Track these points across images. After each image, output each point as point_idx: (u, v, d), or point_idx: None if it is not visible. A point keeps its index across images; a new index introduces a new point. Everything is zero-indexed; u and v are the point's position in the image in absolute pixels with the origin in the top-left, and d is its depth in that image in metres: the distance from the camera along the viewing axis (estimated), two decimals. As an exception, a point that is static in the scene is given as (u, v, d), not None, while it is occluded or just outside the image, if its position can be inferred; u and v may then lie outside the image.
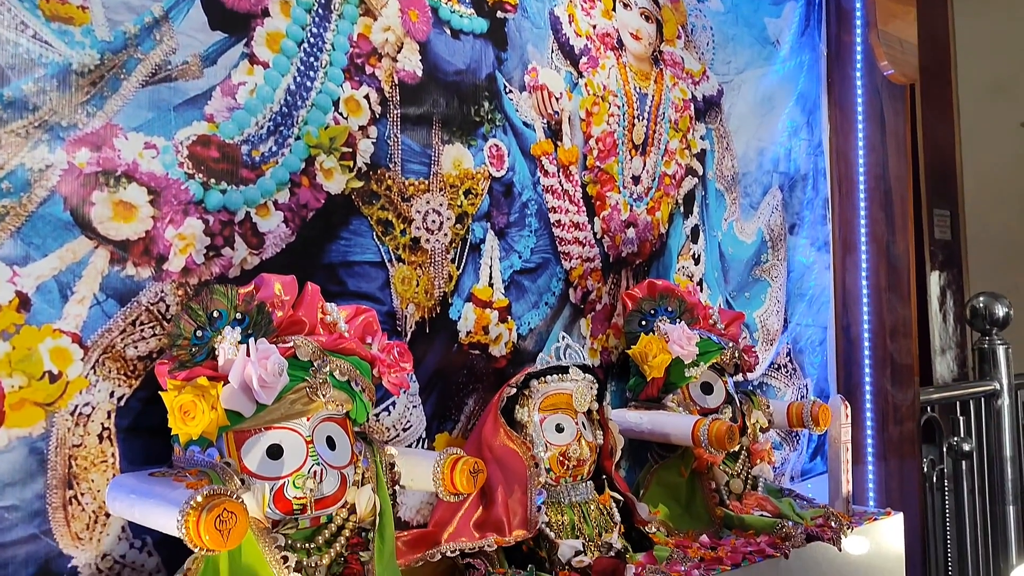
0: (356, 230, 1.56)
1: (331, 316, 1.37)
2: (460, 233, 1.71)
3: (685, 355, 1.86)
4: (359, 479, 1.32)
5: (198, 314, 1.22)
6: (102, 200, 1.28)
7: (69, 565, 1.23)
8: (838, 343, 2.61)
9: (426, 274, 1.65)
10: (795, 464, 2.46)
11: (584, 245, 1.93)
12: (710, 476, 1.87)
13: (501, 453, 1.57)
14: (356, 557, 1.29)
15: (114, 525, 1.28)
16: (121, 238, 1.29)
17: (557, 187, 1.88)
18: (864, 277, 2.58)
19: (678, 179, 2.16)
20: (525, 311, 1.82)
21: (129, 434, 1.30)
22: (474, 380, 1.73)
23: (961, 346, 4.57)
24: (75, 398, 1.25)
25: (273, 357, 1.21)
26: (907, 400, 2.56)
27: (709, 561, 1.63)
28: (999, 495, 3.25)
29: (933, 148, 4.48)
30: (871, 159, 2.59)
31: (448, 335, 1.69)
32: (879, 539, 1.99)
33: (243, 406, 1.20)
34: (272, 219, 1.45)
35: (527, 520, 1.51)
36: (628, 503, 1.66)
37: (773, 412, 2.02)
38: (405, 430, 1.63)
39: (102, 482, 1.26)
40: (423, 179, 1.66)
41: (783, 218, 2.46)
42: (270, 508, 1.21)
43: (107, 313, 1.28)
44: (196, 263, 1.37)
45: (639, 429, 1.85)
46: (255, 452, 1.22)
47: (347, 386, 1.29)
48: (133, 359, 1.30)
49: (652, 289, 1.96)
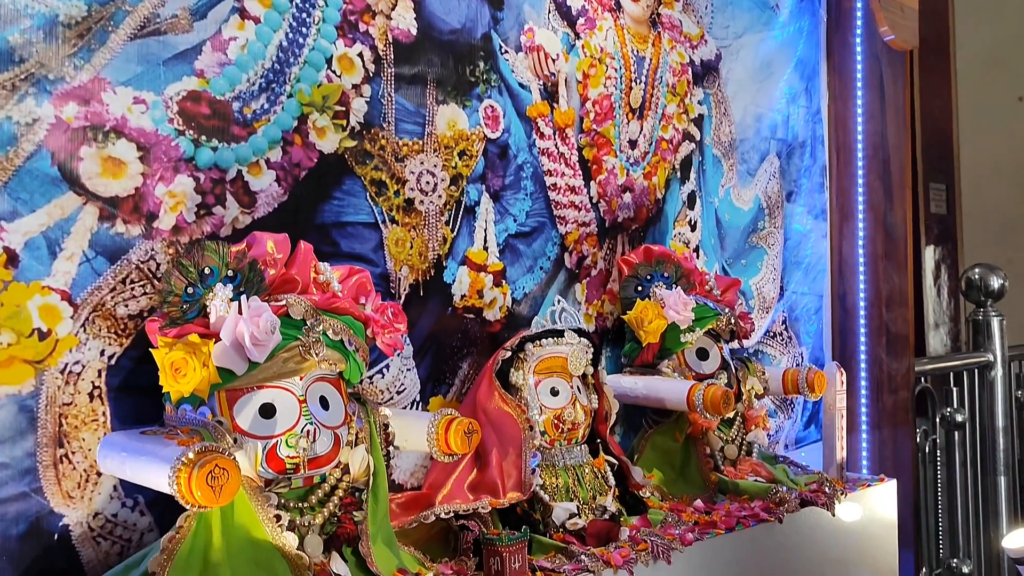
0: (349, 190, 1.54)
1: (324, 276, 1.35)
2: (454, 195, 1.69)
3: (681, 321, 1.85)
4: (353, 439, 1.31)
5: (189, 271, 1.20)
6: (90, 156, 1.25)
7: (60, 523, 1.23)
8: (834, 312, 2.61)
9: (420, 236, 1.64)
10: (789, 432, 2.46)
11: (580, 209, 1.92)
12: (705, 441, 1.87)
13: (496, 416, 1.56)
14: (350, 517, 1.28)
15: (105, 484, 1.27)
16: (110, 195, 1.27)
17: (553, 150, 1.86)
18: (861, 246, 2.57)
19: (675, 144, 2.14)
20: (520, 275, 1.81)
21: (120, 393, 1.28)
22: (468, 344, 1.72)
23: (955, 320, 4.58)
24: (65, 356, 1.23)
25: (265, 315, 1.19)
26: (902, 369, 2.57)
27: (703, 525, 1.64)
28: (991, 465, 3.27)
29: (930, 121, 4.45)
30: (870, 127, 2.57)
31: (442, 298, 1.68)
32: (872, 505, 2.00)
33: (235, 364, 1.19)
34: (264, 178, 1.43)
35: (521, 482, 1.51)
36: (623, 467, 1.66)
37: (768, 379, 2.01)
38: (399, 393, 1.62)
39: (93, 441, 1.25)
40: (417, 139, 1.63)
41: (780, 185, 2.44)
42: (263, 467, 1.20)
43: (96, 271, 1.26)
44: (187, 221, 1.35)
45: (634, 394, 1.85)
46: (247, 411, 1.21)
47: (340, 345, 1.28)
48: (123, 318, 1.29)
49: (648, 254, 1.95)
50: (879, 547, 2.03)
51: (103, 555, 1.26)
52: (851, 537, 1.93)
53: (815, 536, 1.83)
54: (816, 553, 1.84)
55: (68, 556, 1.23)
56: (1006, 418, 3.29)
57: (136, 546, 1.29)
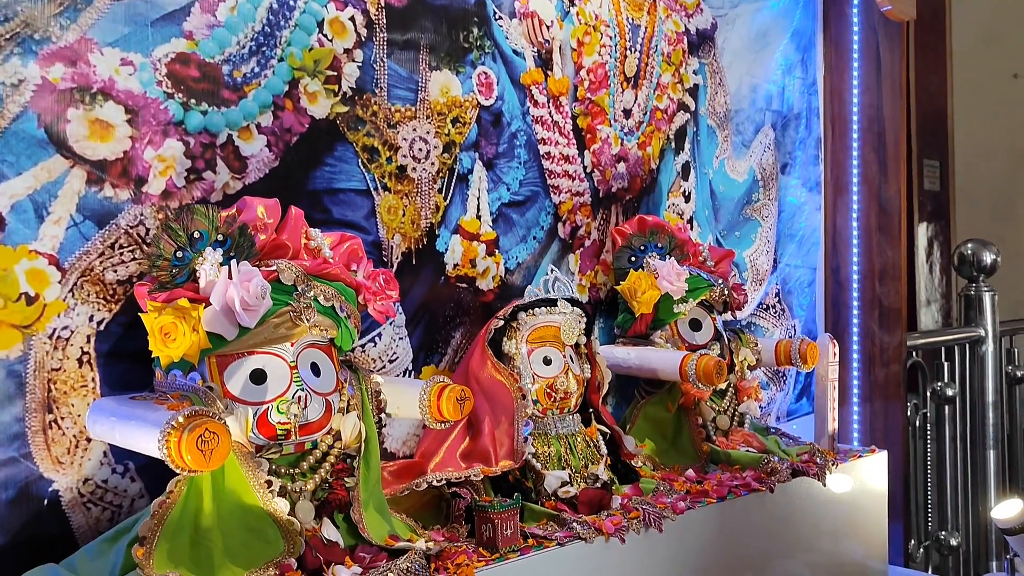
0: (341, 156, 1.52)
1: (315, 242, 1.34)
2: (447, 162, 1.68)
3: (674, 291, 1.85)
4: (344, 406, 1.31)
5: (178, 234, 1.19)
6: (77, 118, 1.24)
7: (50, 489, 1.22)
8: (827, 285, 2.60)
9: (412, 204, 1.62)
10: (781, 404, 2.47)
11: (574, 179, 1.90)
12: (697, 412, 1.87)
13: (488, 385, 1.56)
14: (341, 483, 1.28)
15: (95, 450, 1.26)
16: (98, 158, 1.26)
17: (547, 118, 1.84)
18: (855, 219, 2.56)
19: (670, 114, 2.12)
20: (513, 245, 1.79)
21: (109, 359, 1.27)
22: (461, 313, 1.72)
23: (946, 297, 4.59)
24: (53, 321, 1.22)
25: (256, 280, 1.18)
26: (894, 342, 2.57)
27: (695, 494, 1.64)
28: (980, 439, 3.30)
29: (925, 98, 4.44)
30: (865, 99, 2.56)
31: (435, 267, 1.67)
32: (863, 476, 2.01)
33: (225, 329, 1.18)
34: (255, 143, 1.42)
35: (513, 451, 1.51)
36: (615, 436, 1.66)
37: (761, 350, 2.01)
38: (391, 362, 1.61)
39: (82, 406, 1.24)
40: (410, 106, 1.62)
41: (775, 157, 2.43)
42: (254, 433, 1.20)
43: (84, 235, 1.25)
44: (177, 186, 1.33)
45: (627, 364, 1.85)
46: (238, 377, 1.20)
47: (332, 311, 1.27)
48: (112, 283, 1.27)
49: (642, 225, 1.94)
50: (869, 518, 2.04)
51: (93, 521, 1.26)
52: (841, 508, 1.94)
53: (806, 506, 1.84)
54: (807, 523, 1.85)
55: (58, 521, 1.23)
56: (996, 393, 3.31)
57: (127, 512, 1.28)
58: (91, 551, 1.20)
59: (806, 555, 1.84)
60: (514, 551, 1.34)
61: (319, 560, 1.20)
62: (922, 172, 4.55)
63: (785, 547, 1.79)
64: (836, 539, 1.93)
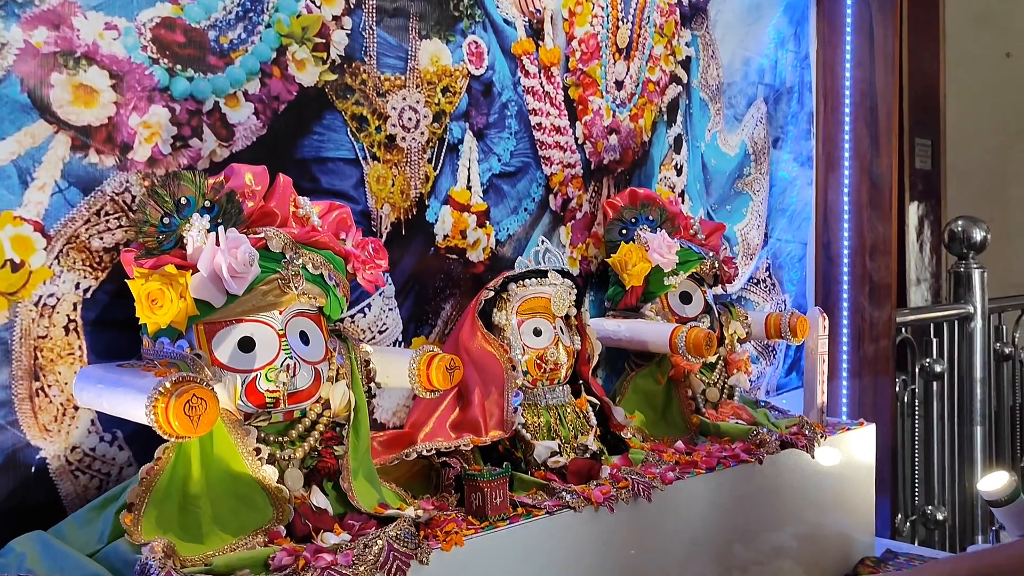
0: (330, 125, 1.51)
1: (304, 210, 1.33)
2: (437, 132, 1.66)
3: (665, 264, 1.85)
4: (333, 375, 1.30)
5: (165, 200, 1.18)
6: (61, 83, 1.22)
7: (37, 456, 1.22)
8: (817, 260, 2.61)
9: (402, 174, 1.61)
10: (771, 378, 2.48)
11: (565, 150, 1.89)
12: (686, 384, 1.88)
13: (478, 356, 1.56)
14: (330, 451, 1.28)
15: (83, 418, 1.26)
16: (82, 124, 1.24)
17: (538, 89, 1.83)
18: (846, 194, 2.56)
19: (662, 86, 2.11)
20: (504, 216, 1.79)
21: (96, 327, 1.26)
22: (451, 285, 1.71)
23: (936, 276, 4.61)
24: (39, 288, 1.21)
25: (243, 246, 1.17)
26: (883, 317, 2.58)
27: (684, 465, 1.64)
28: (968, 415, 3.32)
29: (918, 76, 4.43)
30: (858, 74, 2.54)
31: (425, 238, 1.66)
32: (851, 449, 2.02)
33: (213, 296, 1.17)
34: (242, 110, 1.40)
35: (503, 421, 1.51)
36: (604, 407, 1.66)
37: (751, 323, 2.01)
38: (381, 332, 1.61)
39: (69, 374, 1.23)
40: (399, 75, 1.60)
41: (767, 131, 2.42)
42: (242, 401, 1.19)
43: (70, 202, 1.24)
44: (163, 153, 1.32)
45: (617, 337, 1.85)
46: (226, 344, 1.20)
47: (320, 280, 1.26)
48: (99, 250, 1.26)
49: (634, 197, 1.93)
50: (857, 491, 2.06)
51: (82, 489, 1.25)
52: (829, 480, 1.95)
53: (794, 478, 1.85)
54: (795, 495, 1.86)
55: (46, 489, 1.22)
56: (984, 369, 3.33)
57: (115, 480, 1.28)
58: (79, 519, 1.19)
59: (794, 527, 1.86)
60: (503, 519, 1.34)
61: (308, 527, 1.20)
62: (914, 151, 4.55)
63: (773, 518, 1.80)
64: (824, 511, 1.94)
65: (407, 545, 1.18)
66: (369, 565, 1.13)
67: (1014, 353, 3.62)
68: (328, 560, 1.11)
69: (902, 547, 2.20)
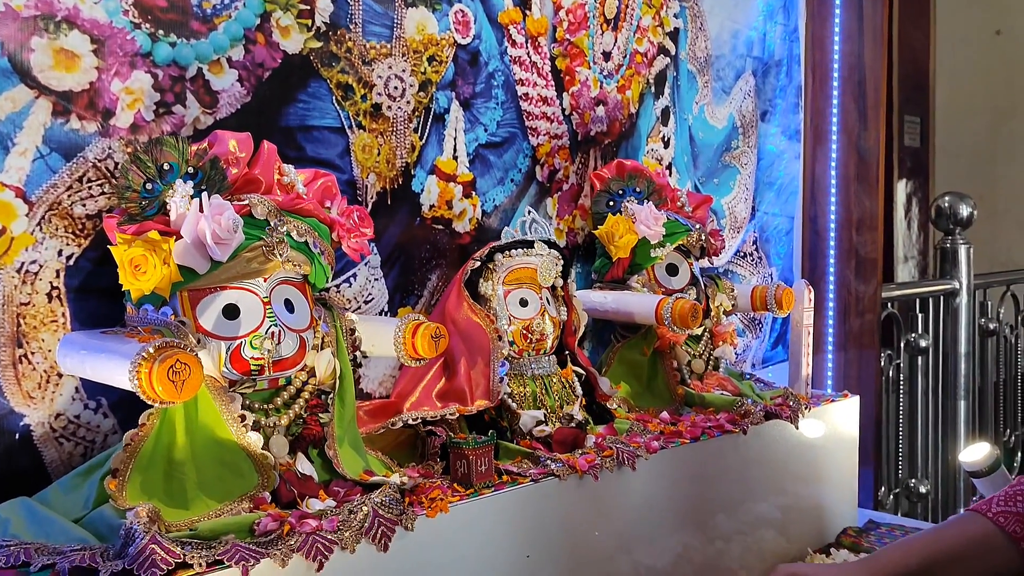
0: (315, 93, 1.50)
1: (288, 177, 1.32)
2: (423, 101, 1.65)
3: (651, 235, 1.85)
4: (319, 343, 1.30)
5: (147, 166, 1.17)
6: (42, 47, 1.21)
7: (21, 423, 1.21)
8: (804, 234, 2.61)
9: (387, 143, 1.60)
10: (757, 352, 2.49)
11: (552, 121, 1.89)
12: (672, 355, 1.88)
13: (464, 326, 1.56)
14: (316, 419, 1.28)
15: (67, 385, 1.25)
16: (64, 88, 1.23)
17: (525, 59, 1.82)
18: (833, 168, 2.56)
19: (650, 58, 2.10)
20: (490, 187, 1.78)
21: (80, 294, 1.26)
22: (437, 255, 1.71)
23: (923, 254, 4.63)
24: (21, 255, 1.20)
25: (227, 213, 1.17)
26: (869, 292, 2.59)
27: (668, 435, 1.65)
28: (952, 390, 3.35)
29: (908, 53, 4.42)
30: (846, 47, 2.54)
31: (410, 208, 1.65)
32: (835, 421, 2.03)
33: (197, 263, 1.17)
34: (226, 77, 1.39)
35: (489, 390, 1.51)
36: (590, 377, 1.66)
37: (737, 295, 2.02)
38: (367, 303, 1.61)
39: (53, 342, 1.23)
40: (385, 43, 1.59)
41: (755, 104, 2.42)
42: (227, 368, 1.19)
43: (52, 168, 1.23)
44: (146, 120, 1.31)
45: (603, 309, 1.85)
46: (211, 311, 1.19)
47: (305, 247, 1.26)
48: (81, 217, 1.25)
49: (621, 169, 1.93)
50: (840, 463, 2.08)
51: (66, 456, 1.25)
52: (813, 452, 1.96)
53: (778, 449, 1.86)
54: (779, 466, 1.87)
55: (30, 455, 1.22)
56: (968, 344, 3.36)
57: (100, 447, 1.28)
58: (64, 485, 1.19)
59: (778, 497, 1.87)
60: (488, 487, 1.35)
61: (293, 493, 1.20)
62: (903, 128, 4.56)
63: (757, 488, 1.82)
64: (807, 482, 1.96)
65: (392, 511, 1.19)
66: (354, 531, 1.14)
67: (999, 329, 3.65)
68: (313, 526, 1.11)
69: (885, 518, 2.22)
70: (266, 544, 1.07)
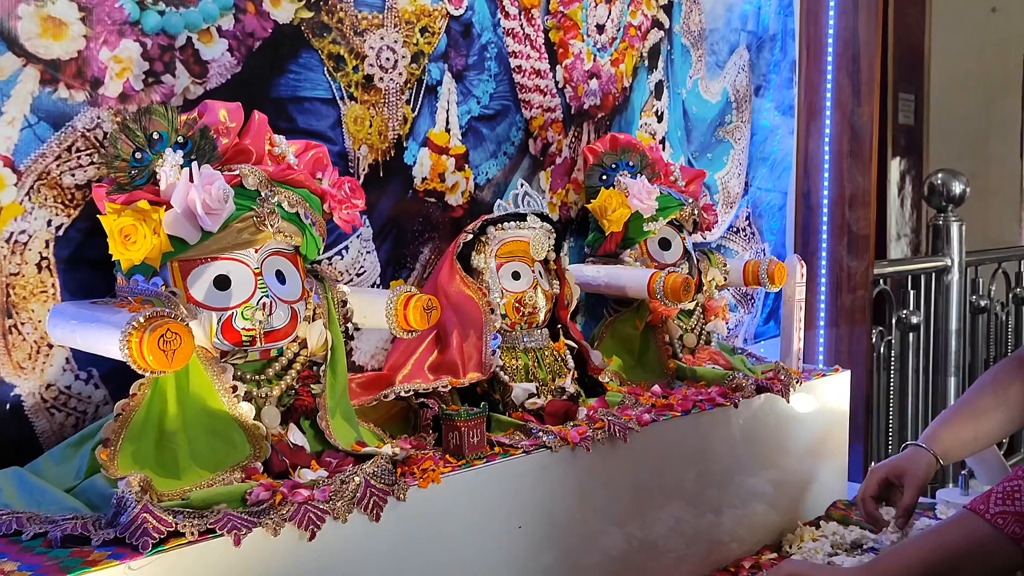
0: (306, 64, 1.49)
1: (279, 148, 1.31)
2: (416, 73, 1.64)
3: (644, 209, 1.84)
4: (310, 315, 1.30)
5: (136, 135, 1.16)
6: (29, 15, 1.19)
7: (12, 393, 1.21)
8: (797, 209, 2.61)
9: (379, 115, 1.59)
10: (748, 327, 2.50)
11: (545, 94, 1.88)
12: (664, 329, 1.89)
13: (457, 299, 1.56)
14: (307, 390, 1.28)
15: (58, 356, 1.25)
16: (51, 57, 1.22)
17: (518, 31, 1.80)
18: (826, 144, 2.56)
19: (644, 31, 2.09)
20: (483, 160, 1.77)
21: (69, 265, 1.25)
22: (430, 229, 1.70)
23: (916, 232, 4.64)
24: (10, 225, 1.20)
25: (218, 183, 1.16)
26: (861, 268, 2.59)
27: (660, 408, 1.66)
28: (942, 367, 3.37)
29: (903, 30, 4.40)
30: (841, 22, 2.53)
31: (403, 180, 1.65)
32: (826, 395, 2.04)
33: (187, 232, 1.16)
34: (216, 47, 1.38)
35: (481, 363, 1.51)
36: (582, 351, 1.67)
37: (729, 270, 2.02)
38: (359, 275, 1.60)
39: (42, 312, 1.22)
40: (377, 13, 1.57)
41: (749, 79, 2.41)
42: (218, 338, 1.19)
43: (40, 137, 1.22)
44: (135, 89, 1.30)
45: (596, 283, 1.85)
46: (201, 282, 1.19)
47: (296, 218, 1.25)
48: (70, 187, 1.25)
49: (614, 143, 1.92)
50: (831, 438, 2.09)
51: (57, 426, 1.25)
52: (804, 426, 1.98)
53: (769, 423, 1.87)
54: (769, 440, 1.88)
55: (21, 426, 1.22)
56: (959, 321, 3.38)
57: (91, 418, 1.28)
58: (55, 455, 1.20)
59: (768, 470, 1.89)
60: (480, 458, 1.35)
61: (285, 464, 1.20)
62: (897, 106, 4.55)
63: (748, 462, 1.83)
64: (798, 458, 1.97)
65: (384, 481, 1.19)
66: (346, 501, 1.15)
67: (990, 306, 3.67)
68: (305, 495, 1.12)
69: (874, 491, 2.23)
70: (258, 513, 1.08)
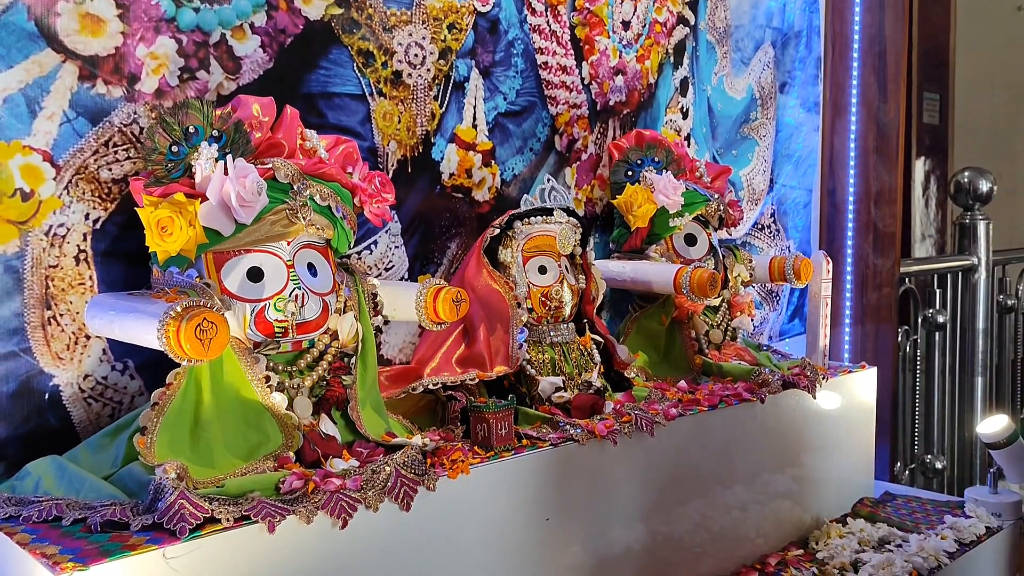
0: (336, 60, 1.51)
1: (311, 142, 1.33)
2: (444, 70, 1.66)
3: (670, 205, 1.85)
4: (341, 307, 1.32)
5: (173, 129, 1.18)
6: (68, 11, 1.22)
7: (51, 383, 1.24)
8: (822, 207, 2.60)
9: (408, 111, 1.61)
10: (774, 324, 2.49)
11: (571, 90, 1.88)
12: (690, 325, 1.89)
13: (484, 293, 1.57)
14: (339, 381, 1.30)
15: (95, 347, 1.27)
16: (90, 53, 1.24)
17: (544, 27, 1.81)
18: (852, 141, 2.55)
19: (669, 27, 2.09)
20: (509, 156, 1.79)
21: (106, 258, 1.28)
22: (457, 224, 1.72)
23: (941, 232, 4.60)
24: (49, 218, 1.22)
25: (252, 175, 1.18)
26: (887, 265, 2.58)
27: (686, 402, 1.66)
28: (969, 366, 3.33)
29: (928, 29, 4.37)
30: (867, 19, 2.52)
31: (431, 176, 1.66)
32: (852, 391, 2.04)
33: (222, 224, 1.18)
34: (249, 43, 1.40)
35: (509, 357, 1.52)
36: (608, 345, 1.67)
37: (755, 266, 2.02)
38: (387, 270, 1.62)
39: (80, 304, 1.25)
40: (405, 10, 1.59)
41: (774, 76, 2.41)
42: (251, 330, 1.21)
43: (78, 132, 1.24)
44: (170, 85, 1.32)
45: (621, 278, 1.85)
46: (235, 274, 1.21)
47: (328, 211, 1.27)
48: (107, 182, 1.27)
49: (639, 139, 1.93)
50: (857, 435, 2.08)
51: (94, 416, 1.28)
52: (830, 423, 1.97)
53: (795, 419, 1.87)
54: (795, 436, 1.88)
55: (59, 415, 1.24)
56: (986, 320, 3.34)
57: (127, 409, 1.30)
58: (92, 444, 1.22)
59: (794, 467, 1.88)
60: (508, 450, 1.36)
61: (317, 453, 1.22)
62: (922, 105, 4.51)
63: (774, 457, 1.83)
64: (824, 452, 1.97)
65: (415, 472, 1.20)
66: (377, 490, 1.16)
67: (1017, 306, 3.63)
68: (337, 484, 1.13)
69: (901, 489, 2.22)
70: (292, 502, 1.09)
